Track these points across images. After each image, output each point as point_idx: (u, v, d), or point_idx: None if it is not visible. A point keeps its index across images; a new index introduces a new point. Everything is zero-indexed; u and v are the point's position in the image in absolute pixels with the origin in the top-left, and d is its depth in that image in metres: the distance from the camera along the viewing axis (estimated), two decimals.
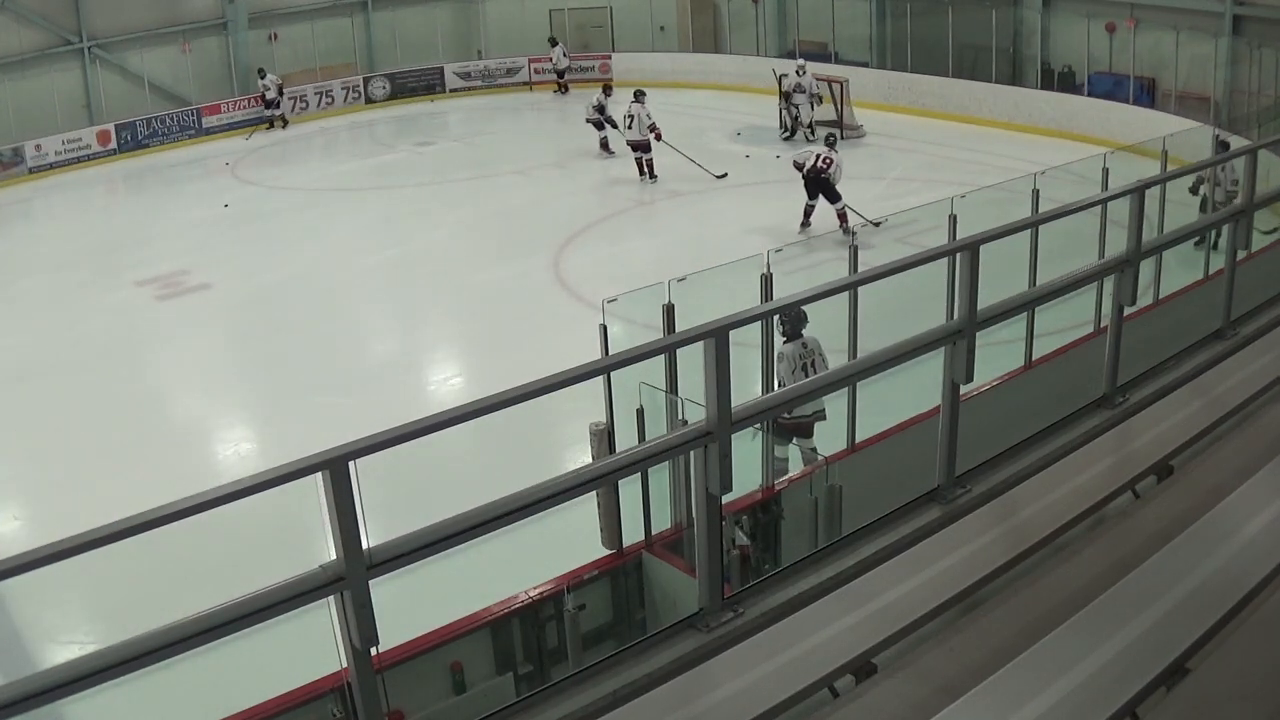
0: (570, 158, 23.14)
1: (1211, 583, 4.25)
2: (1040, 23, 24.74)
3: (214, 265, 17.45)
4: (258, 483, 3.24)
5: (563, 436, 9.39)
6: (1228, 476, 5.09)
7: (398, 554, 3.56)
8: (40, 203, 23.28)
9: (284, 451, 3.60)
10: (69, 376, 13.62)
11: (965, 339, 4.95)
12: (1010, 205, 9.19)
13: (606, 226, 18.31)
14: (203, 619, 3.25)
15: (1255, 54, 20.31)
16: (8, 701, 2.98)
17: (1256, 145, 7.50)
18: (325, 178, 23.82)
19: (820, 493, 6.17)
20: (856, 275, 6.85)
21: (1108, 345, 6.05)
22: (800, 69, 23.51)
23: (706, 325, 4.15)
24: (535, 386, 3.76)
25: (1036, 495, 5.17)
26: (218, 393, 13.33)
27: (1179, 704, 3.73)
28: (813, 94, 23.45)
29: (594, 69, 31.14)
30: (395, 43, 30.55)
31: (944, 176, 19.54)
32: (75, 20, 26.23)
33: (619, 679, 4.19)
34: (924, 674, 4.04)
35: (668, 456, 4.90)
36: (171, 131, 26.72)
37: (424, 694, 5.96)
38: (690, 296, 6.43)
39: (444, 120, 28.54)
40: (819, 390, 4.67)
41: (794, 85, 23.48)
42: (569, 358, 4.18)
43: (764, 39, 30.19)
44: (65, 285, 17.03)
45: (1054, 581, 4.52)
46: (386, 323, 15.68)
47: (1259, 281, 7.38)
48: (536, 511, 3.84)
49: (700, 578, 4.52)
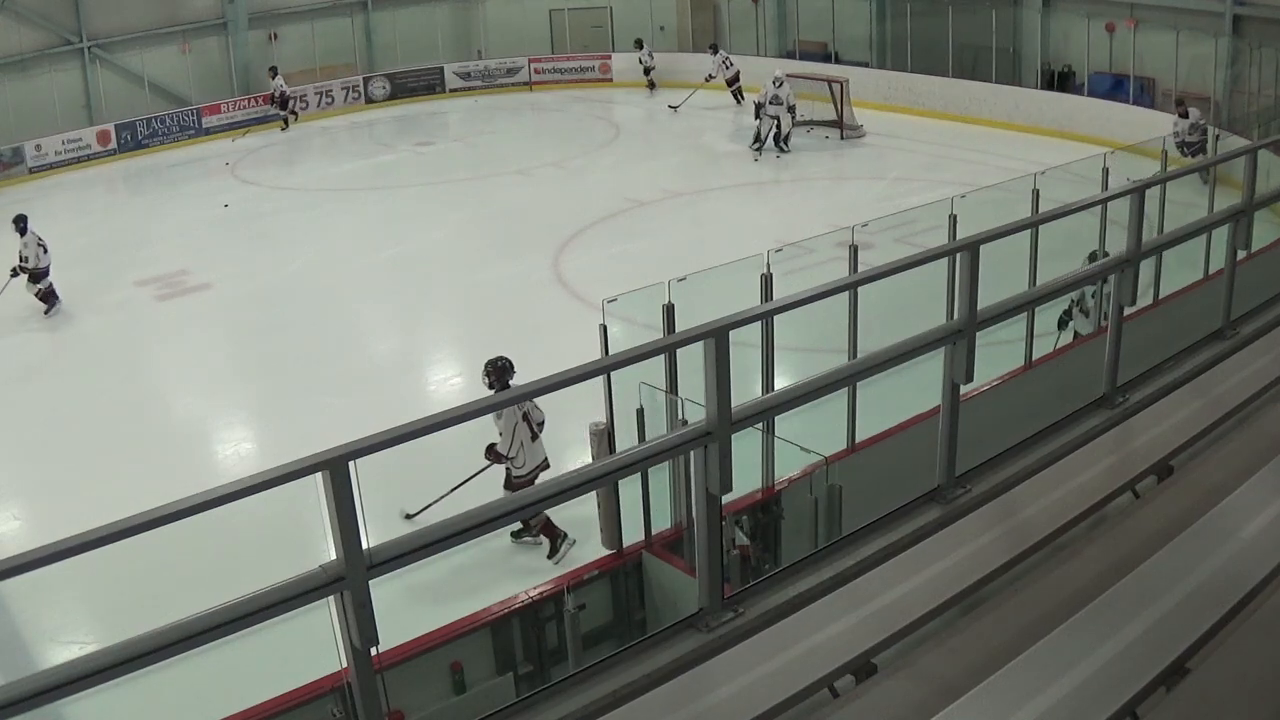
0: (570, 157, 23.14)
1: (1211, 583, 4.25)
2: (1040, 23, 24.74)
3: (214, 265, 17.44)
4: (258, 483, 3.25)
5: (563, 436, 9.39)
6: (1228, 476, 5.09)
7: (398, 554, 3.56)
8: (40, 203, 23.22)
9: (284, 451, 3.60)
10: (69, 376, 13.62)
11: (965, 339, 4.95)
12: (1010, 205, 9.18)
13: (606, 226, 18.30)
14: (203, 619, 3.25)
15: (1255, 54, 20.31)
16: (8, 701, 2.98)
17: (1256, 145, 7.50)
18: (325, 178, 23.82)
19: (820, 493, 6.17)
20: (856, 275, 6.85)
21: (1108, 345, 6.05)
22: (777, 80, 22.19)
23: (706, 325, 4.15)
24: (535, 386, 3.76)
25: (1036, 495, 5.17)
26: (218, 393, 13.33)
27: (1179, 704, 3.73)
28: (790, 106, 22.14)
29: (594, 69, 31.15)
30: (395, 43, 30.55)
31: (944, 176, 19.55)
32: (75, 20, 26.22)
33: (619, 679, 4.19)
34: (924, 674, 4.04)
35: (668, 456, 4.90)
36: (171, 131, 26.71)
37: (424, 694, 5.97)
38: (690, 296, 6.43)
39: (444, 120, 28.54)
40: (819, 390, 4.67)
41: (769, 96, 22.06)
42: (569, 358, 4.18)
43: (764, 39, 30.19)
44: (65, 285, 17.00)
45: (1054, 581, 4.52)
46: (386, 323, 15.68)
47: (1259, 281, 7.39)
48: (536, 511, 3.84)
49: (700, 578, 4.52)
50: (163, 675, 3.56)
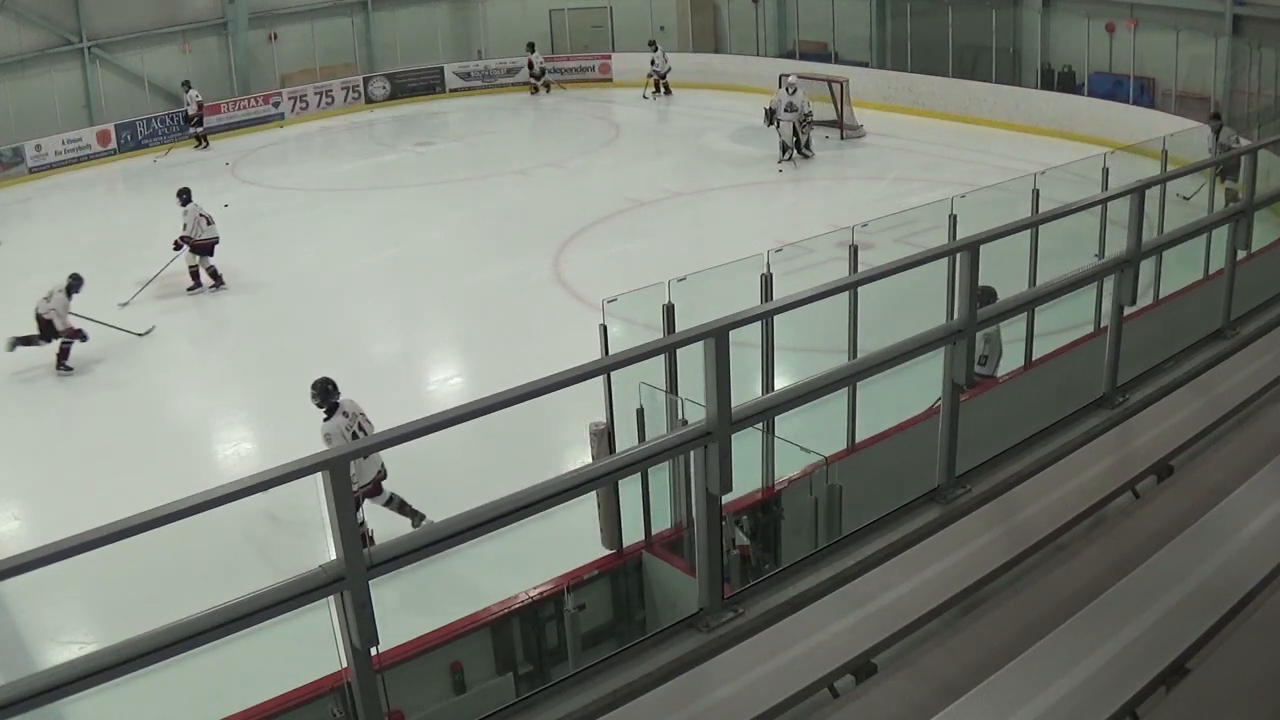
0: (570, 157, 23.14)
1: (1211, 583, 4.25)
2: (1040, 23, 24.74)
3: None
4: (258, 483, 3.25)
5: (563, 436, 9.38)
6: (1228, 476, 5.09)
7: (398, 554, 3.56)
8: (40, 203, 23.26)
9: (284, 451, 3.60)
10: (69, 376, 13.61)
11: (965, 339, 4.95)
12: (1010, 205, 9.18)
13: (606, 226, 18.30)
14: (203, 619, 3.25)
15: (1255, 54, 20.30)
16: (8, 701, 2.98)
17: (1256, 145, 7.50)
18: (325, 178, 23.81)
19: (820, 493, 6.16)
20: (856, 275, 6.84)
21: (1108, 345, 6.05)
22: (790, 87, 21.57)
23: (706, 325, 4.15)
24: (535, 386, 3.76)
25: (1036, 495, 5.17)
26: (218, 393, 13.33)
27: (1179, 704, 3.73)
28: (805, 113, 21.59)
29: (594, 69, 31.15)
30: (395, 43, 30.55)
31: (944, 176, 19.55)
32: (75, 20, 26.23)
33: (619, 679, 4.19)
34: (924, 674, 4.04)
35: (668, 456, 4.90)
36: (171, 131, 26.72)
37: (424, 694, 5.96)
38: (690, 296, 6.42)
39: (444, 120, 28.53)
40: (819, 390, 4.67)
41: (784, 104, 21.41)
42: (569, 358, 4.18)
43: (764, 39, 30.19)
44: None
45: (1054, 581, 4.52)
46: (386, 323, 15.67)
47: (1259, 281, 7.39)
48: (536, 511, 3.84)
49: (700, 578, 4.52)
50: (163, 675, 3.56)
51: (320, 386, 9.00)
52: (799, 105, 21.48)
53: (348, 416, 8.94)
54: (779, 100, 21.56)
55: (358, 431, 8.91)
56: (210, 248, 16.30)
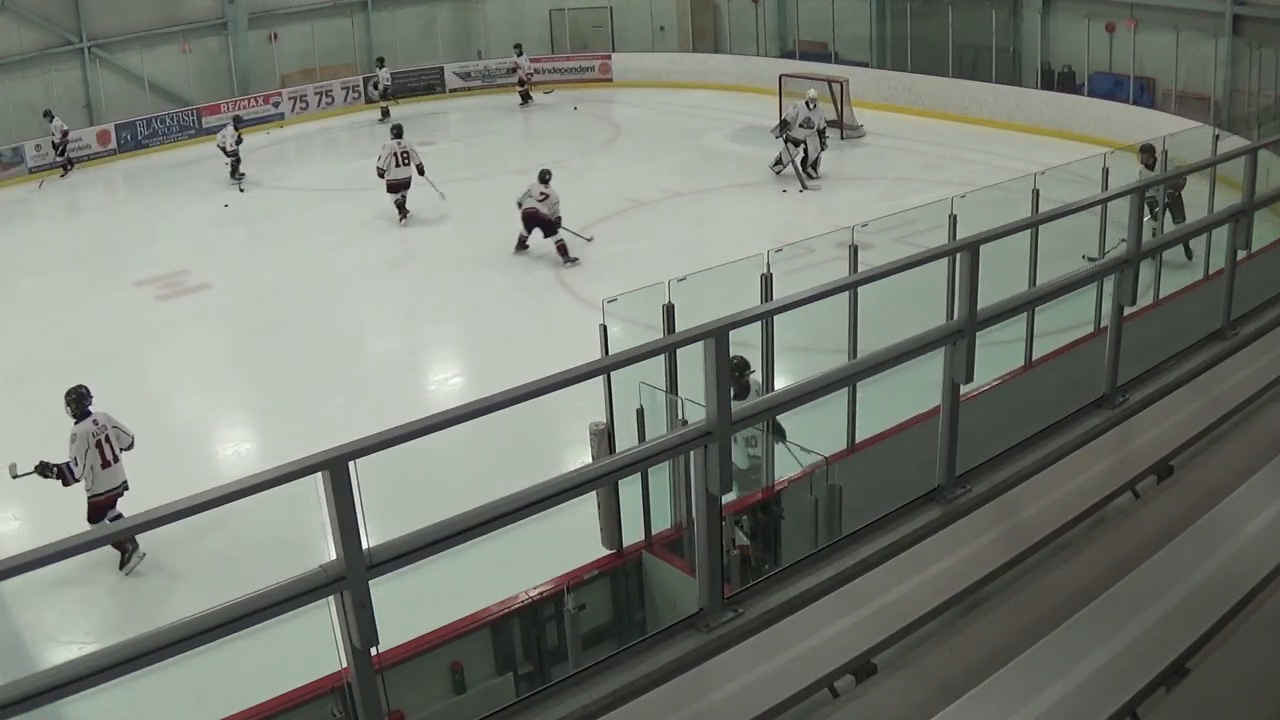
0: (570, 157, 23.13)
1: (1211, 583, 4.25)
2: (1040, 23, 24.74)
3: (214, 265, 17.44)
4: (258, 483, 3.25)
5: (563, 436, 9.38)
6: (1228, 476, 5.09)
7: (398, 554, 3.56)
8: (40, 203, 23.27)
9: (284, 451, 3.60)
10: (69, 376, 13.55)
11: (965, 339, 4.95)
12: (1010, 205, 9.17)
13: (606, 226, 18.29)
14: (203, 619, 3.25)
15: (1255, 54, 20.30)
16: (8, 701, 2.98)
17: (1256, 145, 7.49)
18: (325, 178, 23.80)
19: (820, 493, 6.16)
20: (856, 275, 6.84)
21: (1108, 345, 6.04)
22: (810, 102, 20.27)
23: (706, 325, 4.15)
24: (535, 386, 3.76)
25: (1036, 495, 5.17)
26: (218, 393, 13.33)
27: (1179, 704, 3.73)
28: (821, 129, 20.33)
29: (594, 69, 31.14)
30: (395, 43, 30.54)
31: (944, 176, 19.54)
32: (75, 20, 26.22)
33: (619, 679, 4.19)
34: (924, 674, 4.04)
35: (668, 456, 4.90)
36: (171, 131, 26.72)
37: (424, 694, 5.96)
38: (690, 296, 6.42)
39: (444, 120, 28.51)
40: (819, 390, 4.67)
41: (800, 119, 19.97)
42: (569, 358, 4.18)
43: (764, 39, 30.18)
44: (65, 285, 17.03)
45: (1054, 581, 4.52)
46: (386, 323, 15.67)
47: (1259, 281, 7.38)
48: (536, 511, 3.84)
49: (700, 578, 4.52)
50: (163, 675, 3.56)
51: (75, 396, 9.35)
52: (815, 122, 20.17)
53: (98, 424, 9.25)
54: (795, 114, 20.23)
55: (106, 440, 9.23)
56: (399, 187, 18.36)
